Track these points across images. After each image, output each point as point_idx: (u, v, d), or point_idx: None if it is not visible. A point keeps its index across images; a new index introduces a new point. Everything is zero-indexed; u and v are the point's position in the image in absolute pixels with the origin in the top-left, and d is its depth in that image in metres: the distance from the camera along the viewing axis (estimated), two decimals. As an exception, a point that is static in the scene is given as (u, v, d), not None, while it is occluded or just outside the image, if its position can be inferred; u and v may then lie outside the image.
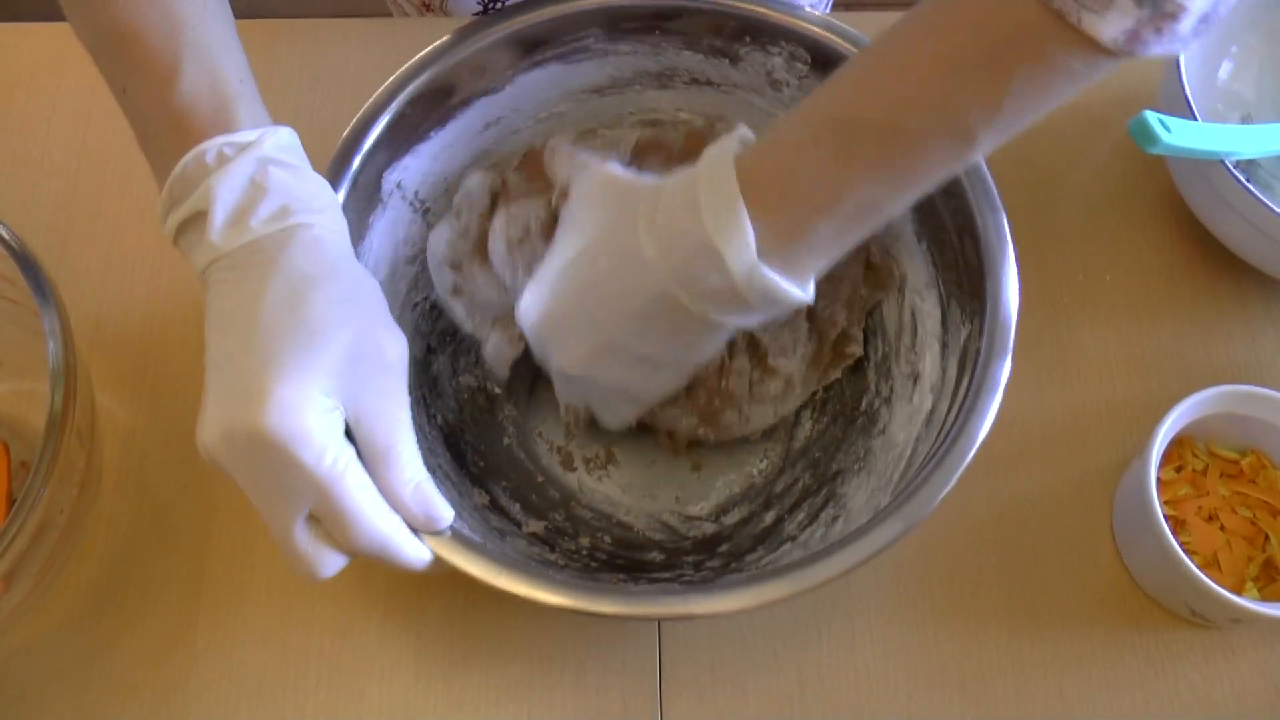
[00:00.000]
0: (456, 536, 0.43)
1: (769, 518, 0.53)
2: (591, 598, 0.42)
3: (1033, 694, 0.51)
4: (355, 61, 0.67)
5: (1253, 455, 0.54)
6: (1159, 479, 0.53)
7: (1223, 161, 0.55)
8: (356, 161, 0.49)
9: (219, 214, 0.41)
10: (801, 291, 0.42)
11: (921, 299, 0.52)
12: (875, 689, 0.51)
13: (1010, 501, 0.56)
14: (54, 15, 0.67)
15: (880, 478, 0.50)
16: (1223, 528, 0.53)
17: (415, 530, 0.42)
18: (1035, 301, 0.60)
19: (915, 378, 0.51)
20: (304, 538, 0.40)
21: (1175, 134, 0.51)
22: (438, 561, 0.43)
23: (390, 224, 0.53)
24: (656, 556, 0.53)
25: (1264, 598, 0.51)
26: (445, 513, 0.43)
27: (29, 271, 0.47)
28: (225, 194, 0.41)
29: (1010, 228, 0.49)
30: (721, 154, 0.41)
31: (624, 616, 0.42)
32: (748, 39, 0.53)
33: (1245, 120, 0.65)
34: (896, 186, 0.40)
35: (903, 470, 0.48)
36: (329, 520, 0.40)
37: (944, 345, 0.50)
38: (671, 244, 0.42)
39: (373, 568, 0.53)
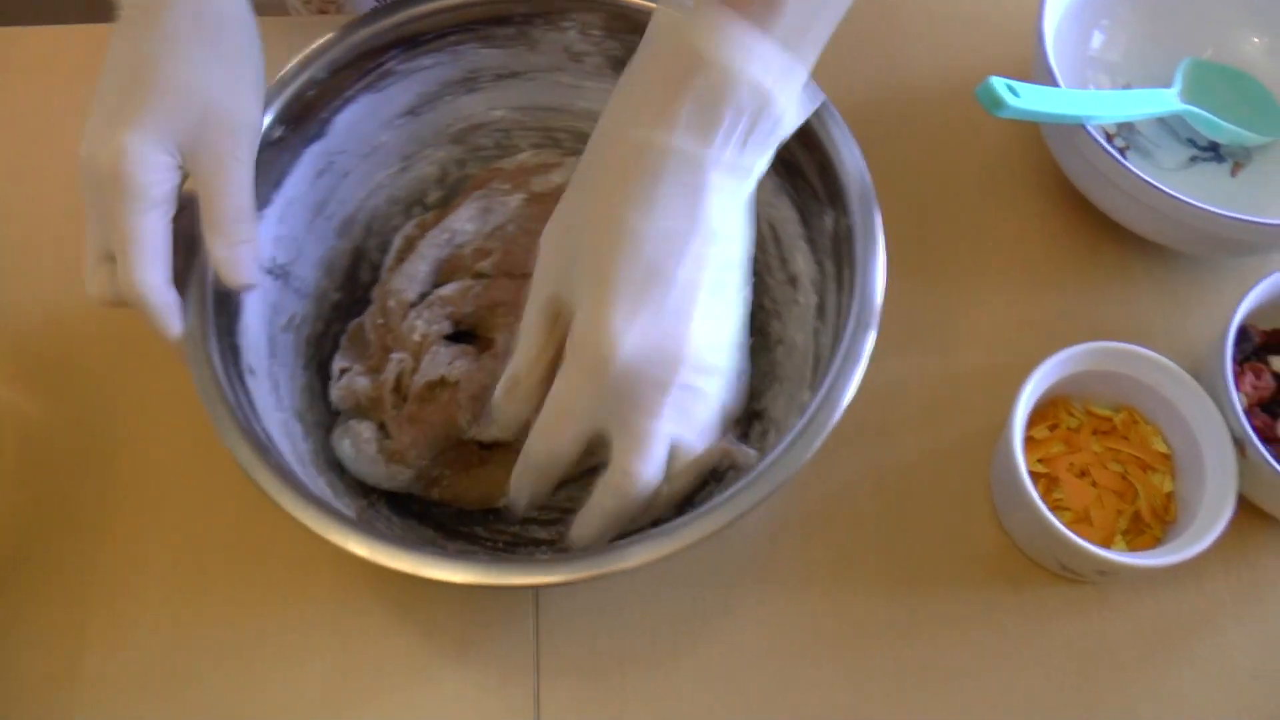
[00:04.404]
0: (328, 509, 0.43)
1: None
2: (445, 566, 0.42)
3: (909, 656, 0.52)
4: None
5: (1125, 411, 0.55)
6: (1032, 438, 0.54)
7: (1084, 127, 0.56)
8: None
9: None
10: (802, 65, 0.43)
11: (773, 207, 0.53)
12: (750, 658, 0.52)
13: (890, 469, 0.56)
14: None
15: (794, 381, 0.51)
16: (1094, 483, 0.53)
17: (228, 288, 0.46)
18: (918, 271, 0.61)
19: (794, 280, 0.52)
20: (98, 266, 0.45)
21: (1023, 98, 0.52)
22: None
23: (258, 295, 0.52)
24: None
25: (1132, 549, 0.52)
26: (248, 279, 0.46)
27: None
28: None
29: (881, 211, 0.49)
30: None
31: (494, 587, 0.43)
32: (538, 21, 0.54)
33: (1126, 89, 0.66)
34: None
35: (813, 365, 0.49)
36: (116, 256, 0.44)
37: (810, 242, 0.51)
38: (665, 86, 0.42)
39: (253, 546, 0.54)
